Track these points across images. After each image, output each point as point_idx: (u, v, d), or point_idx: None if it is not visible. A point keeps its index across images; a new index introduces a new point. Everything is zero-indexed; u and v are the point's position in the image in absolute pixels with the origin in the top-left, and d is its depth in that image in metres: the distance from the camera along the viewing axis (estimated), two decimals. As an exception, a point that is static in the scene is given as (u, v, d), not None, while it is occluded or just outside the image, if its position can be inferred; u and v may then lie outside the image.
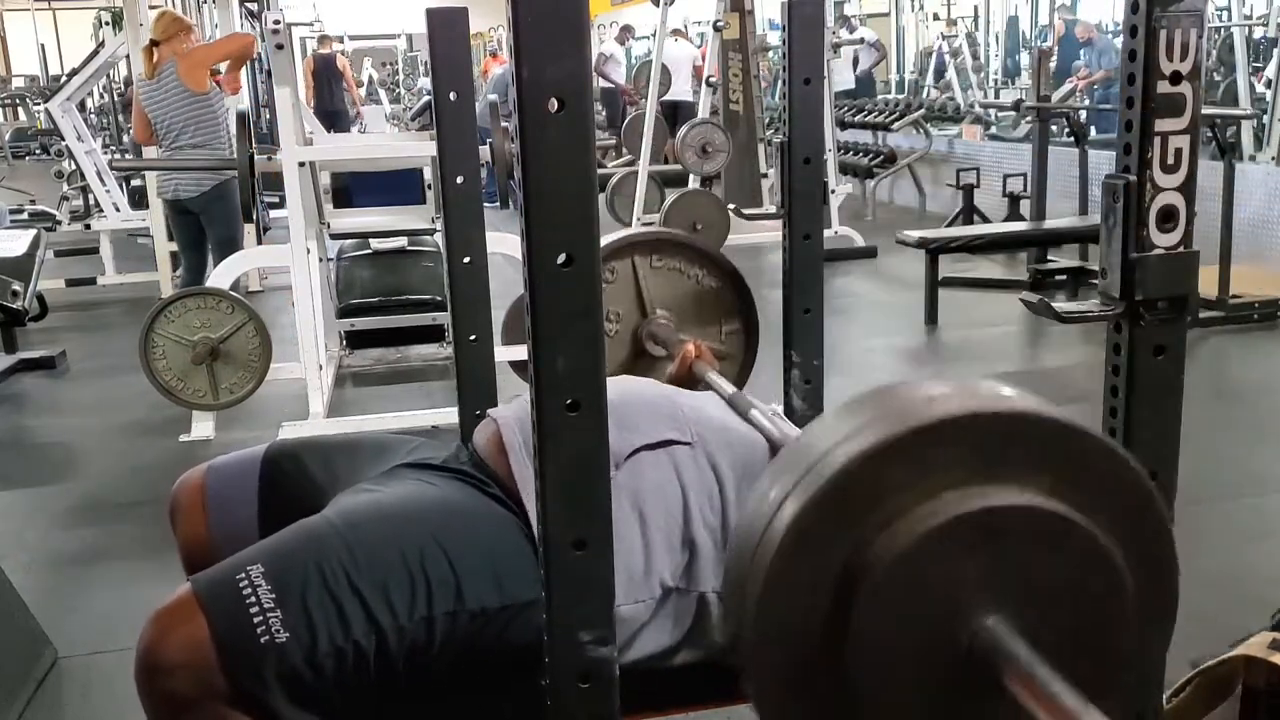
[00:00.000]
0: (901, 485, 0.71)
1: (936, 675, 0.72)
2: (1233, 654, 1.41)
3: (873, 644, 0.71)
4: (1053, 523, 0.71)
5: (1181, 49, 0.95)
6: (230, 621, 1.14)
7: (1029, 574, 0.72)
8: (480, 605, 1.21)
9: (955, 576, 0.71)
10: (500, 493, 1.32)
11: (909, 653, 0.72)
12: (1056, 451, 0.73)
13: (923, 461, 0.71)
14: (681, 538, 1.28)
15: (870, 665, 0.72)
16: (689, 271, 1.94)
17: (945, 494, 0.71)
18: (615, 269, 1.90)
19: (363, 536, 1.22)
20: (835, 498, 0.70)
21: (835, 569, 0.71)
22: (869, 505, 0.71)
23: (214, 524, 1.45)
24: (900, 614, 0.71)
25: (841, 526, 0.71)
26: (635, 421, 1.34)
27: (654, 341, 1.91)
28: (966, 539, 0.70)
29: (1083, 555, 0.72)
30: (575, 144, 0.84)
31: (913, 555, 0.70)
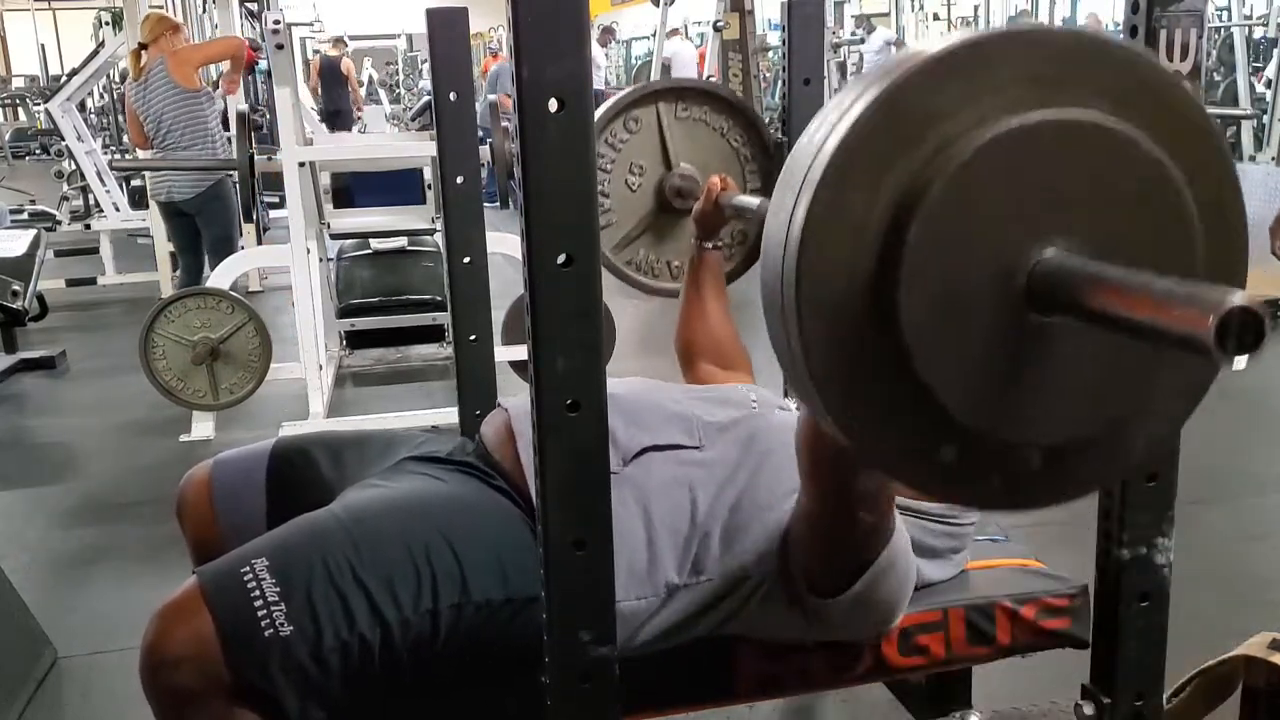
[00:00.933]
0: (958, 105, 0.66)
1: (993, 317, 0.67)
2: (1233, 654, 1.41)
3: (926, 281, 0.66)
4: (1117, 142, 0.66)
5: (1181, 49, 0.95)
6: (235, 615, 1.14)
7: (1093, 199, 0.67)
8: (485, 598, 1.21)
9: (1015, 200, 0.66)
10: (506, 486, 1.32)
11: (965, 292, 0.67)
12: (1119, 76, 0.68)
13: (979, 79, 0.66)
14: (687, 537, 1.28)
15: (923, 307, 0.66)
16: (714, 123, 1.89)
17: (1003, 116, 0.65)
18: (639, 119, 1.85)
19: (368, 530, 1.22)
20: (887, 116, 0.65)
21: (887, 197, 0.66)
22: (924, 126, 0.66)
23: (222, 518, 1.45)
24: (957, 245, 0.66)
25: (891, 151, 0.66)
26: (645, 421, 1.34)
27: (679, 196, 1.87)
28: (1025, 156, 0.65)
29: (1149, 182, 0.67)
30: (575, 144, 0.84)
31: (970, 174, 0.65)
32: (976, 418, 0.70)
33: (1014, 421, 0.71)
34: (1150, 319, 0.59)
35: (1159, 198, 0.68)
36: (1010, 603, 1.40)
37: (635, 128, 1.86)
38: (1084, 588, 1.40)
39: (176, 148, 4.74)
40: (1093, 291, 0.64)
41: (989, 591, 1.42)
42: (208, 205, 4.77)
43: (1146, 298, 0.60)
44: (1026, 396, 0.70)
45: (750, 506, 1.29)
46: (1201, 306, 0.55)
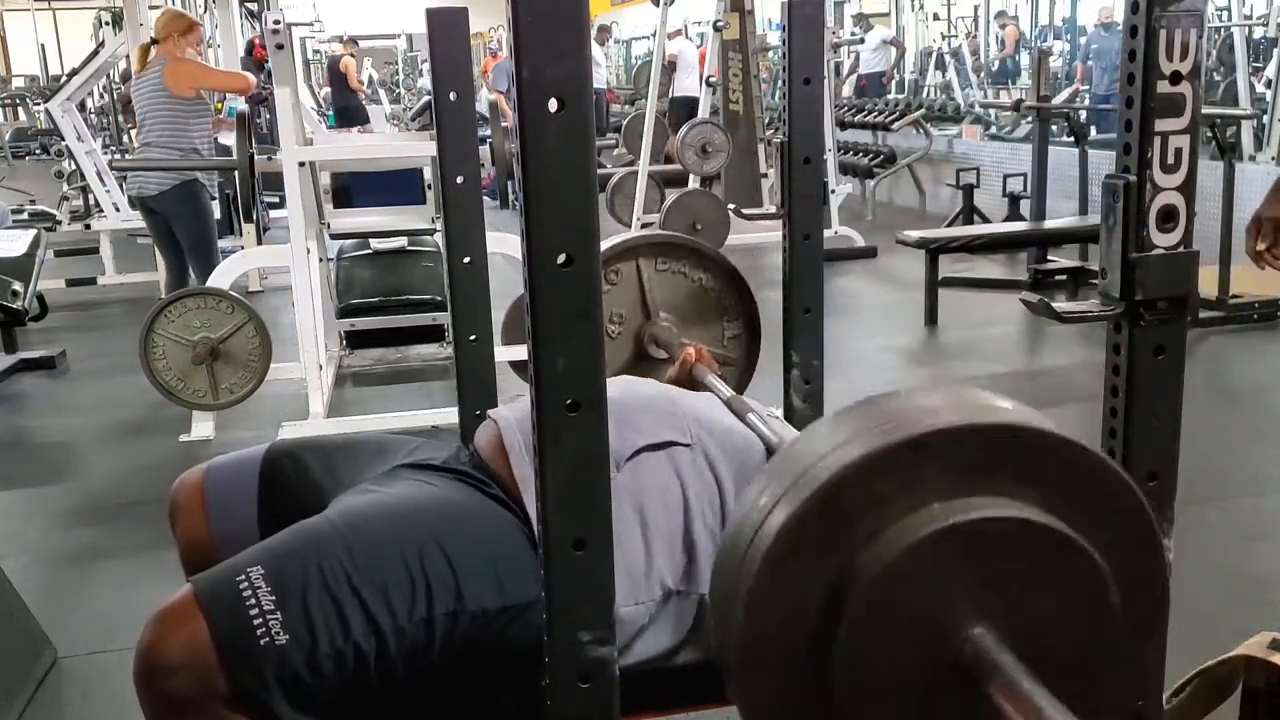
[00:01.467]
0: (891, 496, 0.71)
1: (925, 686, 0.72)
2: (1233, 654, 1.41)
3: (860, 654, 0.71)
4: (1042, 535, 0.71)
5: (1181, 49, 0.95)
6: (230, 623, 1.14)
7: (1017, 585, 0.72)
8: (480, 606, 1.21)
9: (944, 586, 0.71)
10: (501, 493, 1.32)
11: (897, 663, 0.72)
12: (1047, 465, 0.73)
13: (912, 473, 0.71)
14: (682, 540, 1.28)
15: (858, 676, 0.71)
16: (693, 275, 1.94)
17: (935, 505, 0.71)
18: (620, 271, 1.90)
19: (363, 537, 1.22)
20: (824, 507, 0.70)
21: (823, 579, 0.71)
22: (858, 515, 0.71)
23: (214, 524, 1.45)
24: (888, 624, 0.71)
25: (830, 536, 0.71)
26: (636, 422, 1.34)
27: (656, 344, 1.91)
28: (956, 549, 0.70)
29: (1072, 568, 0.72)
30: (575, 144, 0.84)
31: (901, 564, 0.70)
32: None
33: None
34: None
35: (1081, 581, 0.73)
36: (1010, 603, 1.40)
37: (616, 279, 1.91)
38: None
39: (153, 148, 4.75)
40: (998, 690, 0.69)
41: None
42: (176, 206, 4.74)
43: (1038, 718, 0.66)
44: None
45: None
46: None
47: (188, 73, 4.69)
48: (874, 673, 0.72)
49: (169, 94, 4.67)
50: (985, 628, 0.71)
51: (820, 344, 1.81)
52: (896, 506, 0.71)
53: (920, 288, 5.25)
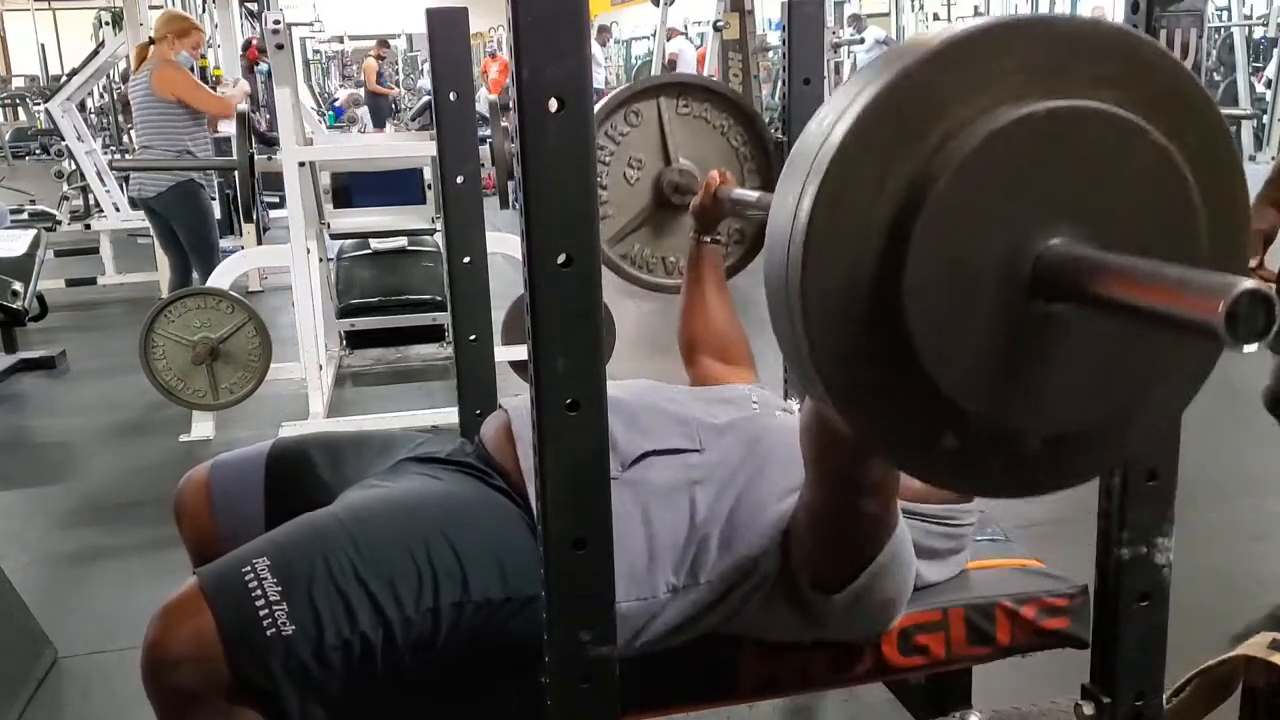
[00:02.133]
0: (962, 95, 0.66)
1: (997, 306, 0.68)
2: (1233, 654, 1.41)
3: (932, 270, 0.66)
4: (1123, 129, 0.66)
5: (1181, 49, 0.95)
6: (236, 614, 1.14)
7: (1098, 188, 0.67)
8: (486, 596, 1.21)
9: (1019, 190, 0.66)
10: (505, 485, 1.33)
11: (970, 281, 0.67)
12: (1123, 64, 0.68)
13: (983, 69, 0.66)
14: (687, 537, 1.28)
15: (929, 294, 0.67)
16: (715, 120, 1.88)
17: (1007, 106, 0.66)
18: (640, 112, 1.85)
19: (368, 530, 1.22)
20: (891, 107, 0.65)
21: (892, 187, 0.66)
22: (928, 117, 0.66)
23: (220, 520, 1.45)
24: (961, 235, 0.66)
25: (900, 138, 0.66)
26: (645, 425, 1.34)
27: (676, 191, 1.86)
28: (1030, 147, 0.65)
29: (1154, 170, 0.67)
30: (575, 144, 0.84)
31: (974, 165, 0.65)
32: (979, 405, 0.70)
33: (1015, 409, 0.71)
34: (1159, 305, 0.59)
35: (1163, 186, 0.68)
36: (1010, 602, 1.40)
37: (636, 121, 1.85)
38: (1084, 588, 1.40)
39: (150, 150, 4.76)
40: (1099, 279, 0.64)
41: (989, 591, 1.42)
42: (175, 206, 4.75)
43: (1155, 284, 0.60)
44: (1028, 385, 0.70)
45: (750, 508, 1.29)
46: (1211, 292, 0.55)
47: (172, 79, 4.67)
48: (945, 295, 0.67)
49: (156, 96, 4.68)
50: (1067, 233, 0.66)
51: (820, 344, 1.80)
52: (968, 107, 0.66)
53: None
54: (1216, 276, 0.57)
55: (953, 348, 0.68)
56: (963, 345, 0.68)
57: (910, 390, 0.69)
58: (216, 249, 4.87)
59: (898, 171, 0.67)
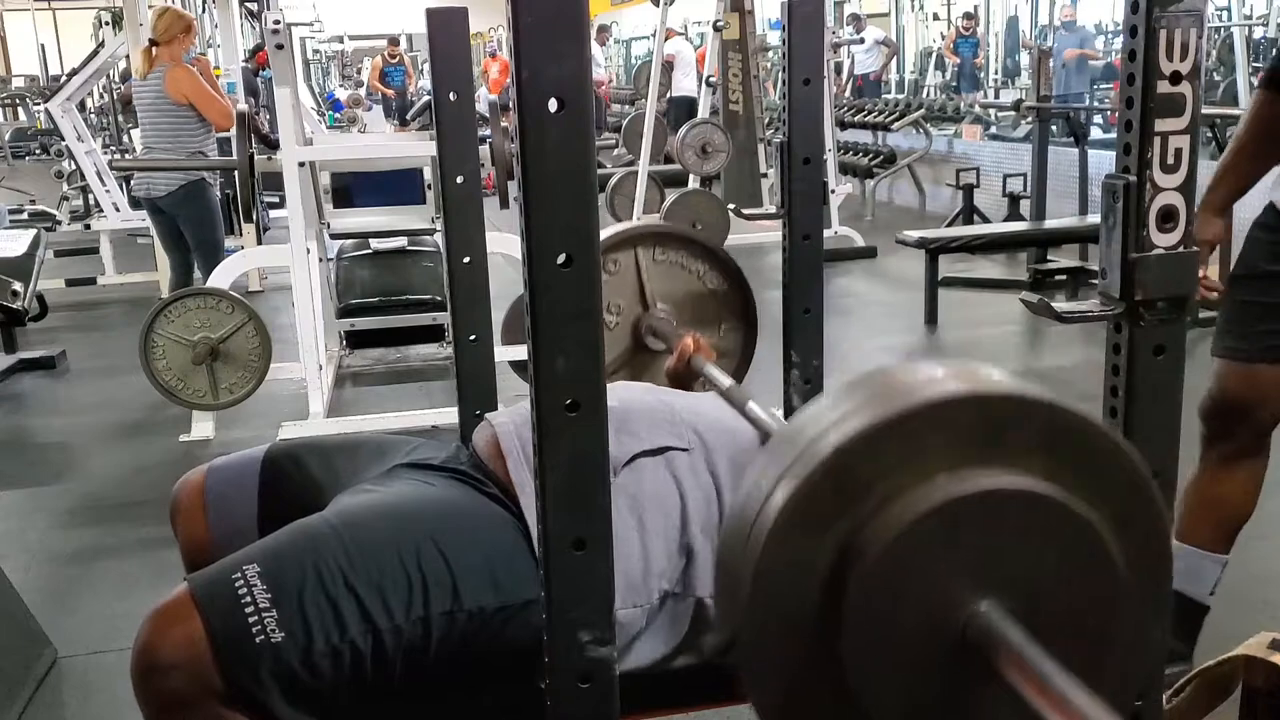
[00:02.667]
0: (895, 468, 0.70)
1: (932, 661, 0.72)
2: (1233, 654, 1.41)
3: (867, 630, 0.71)
4: (1047, 507, 0.71)
5: (1181, 49, 0.95)
6: (226, 621, 1.14)
7: (1023, 559, 0.72)
8: (477, 605, 1.21)
9: (950, 561, 0.71)
10: (498, 492, 1.32)
11: (904, 639, 0.72)
12: (1052, 436, 0.72)
13: (917, 444, 0.70)
14: (679, 543, 1.28)
15: (865, 652, 0.71)
16: (691, 267, 1.93)
17: (939, 477, 0.70)
18: (618, 260, 1.89)
19: (360, 536, 1.22)
20: (827, 481, 0.70)
21: (828, 554, 0.71)
22: (862, 488, 0.70)
23: (214, 525, 1.45)
24: (894, 599, 0.71)
25: (834, 510, 0.70)
26: (634, 427, 1.34)
27: (653, 335, 1.90)
28: (961, 523, 0.70)
29: (1077, 541, 0.72)
30: (575, 144, 0.84)
31: (906, 539, 0.69)
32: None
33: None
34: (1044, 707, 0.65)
35: (1087, 554, 0.72)
36: (1010, 603, 1.40)
37: (615, 269, 1.89)
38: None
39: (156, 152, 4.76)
40: (1007, 659, 0.69)
41: (989, 592, 1.42)
42: (185, 206, 4.76)
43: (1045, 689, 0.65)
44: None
45: None
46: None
47: (184, 78, 4.68)
48: (881, 650, 0.71)
49: (169, 99, 4.68)
50: (992, 602, 0.71)
51: (820, 344, 1.80)
52: (900, 479, 0.70)
53: (920, 288, 5.24)
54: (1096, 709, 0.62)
55: (890, 698, 0.73)
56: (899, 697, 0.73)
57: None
58: (222, 248, 4.88)
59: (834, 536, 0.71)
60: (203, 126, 4.77)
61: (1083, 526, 0.72)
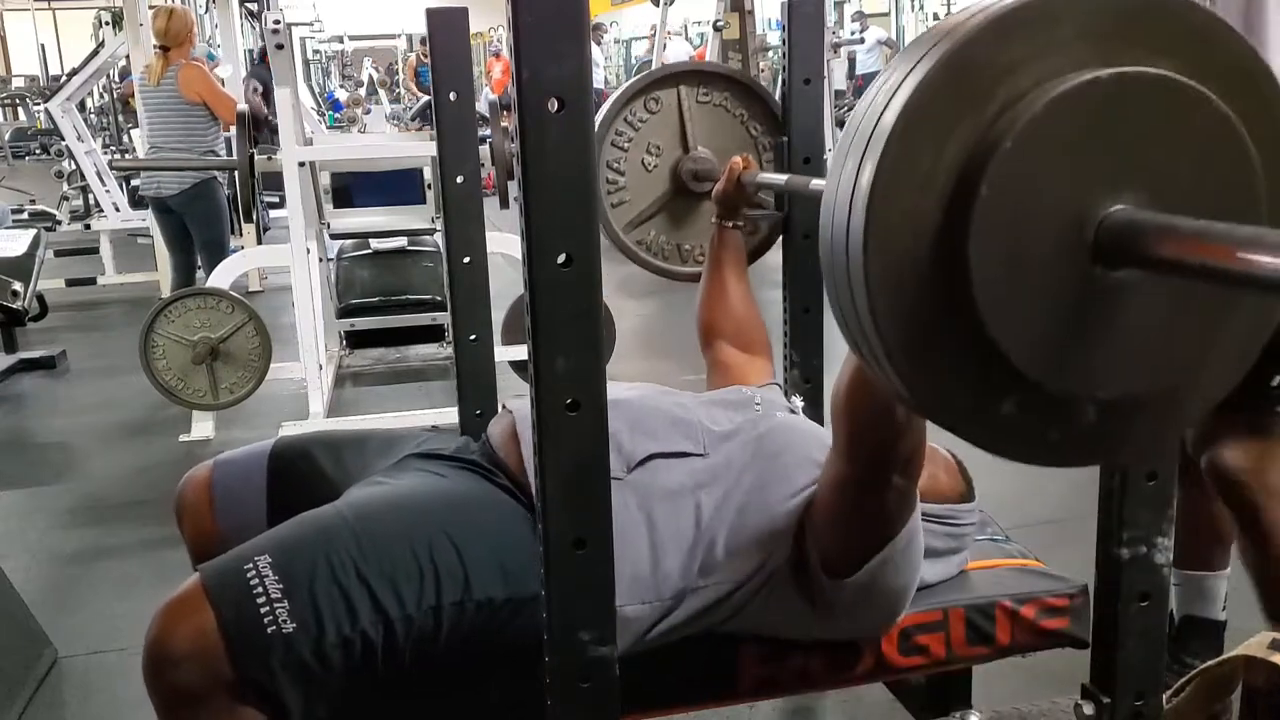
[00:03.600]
0: (1023, 62, 0.66)
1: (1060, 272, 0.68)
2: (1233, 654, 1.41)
3: (995, 235, 0.66)
4: (1184, 95, 0.67)
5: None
6: (237, 611, 1.14)
7: (1159, 154, 0.68)
8: (487, 595, 1.21)
9: (1081, 156, 0.66)
10: (509, 483, 1.32)
11: (1033, 248, 0.67)
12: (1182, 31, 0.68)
13: (1043, 36, 0.66)
14: (693, 541, 1.28)
15: (992, 260, 0.67)
16: (735, 110, 1.88)
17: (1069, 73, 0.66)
18: (660, 99, 1.85)
19: (371, 527, 1.22)
20: (952, 74, 0.66)
21: (954, 154, 0.67)
22: (990, 83, 0.66)
23: (221, 519, 1.45)
24: (1025, 202, 0.66)
25: (962, 107, 0.66)
26: (650, 427, 1.34)
27: (695, 178, 1.86)
28: (1095, 110, 0.66)
29: (1215, 137, 0.68)
30: (575, 144, 0.84)
31: (1037, 131, 0.65)
32: (1040, 371, 0.70)
33: (1076, 375, 0.71)
34: (1230, 265, 0.59)
35: (1224, 153, 0.68)
36: (1010, 603, 1.40)
37: (655, 108, 1.85)
38: (1084, 588, 1.40)
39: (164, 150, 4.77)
40: (1166, 242, 0.64)
41: (989, 591, 1.42)
42: (193, 205, 4.78)
43: (1226, 244, 0.60)
44: (1089, 351, 0.70)
45: (757, 510, 1.29)
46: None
47: (196, 77, 4.70)
48: (1009, 259, 0.67)
49: (183, 99, 4.71)
50: (1128, 204, 0.67)
51: (820, 344, 1.81)
52: (1030, 74, 0.66)
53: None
54: None
55: (1016, 314, 0.68)
56: (1026, 312, 0.68)
57: (971, 356, 0.70)
58: (228, 247, 4.90)
59: (958, 139, 0.67)
60: (214, 125, 4.80)
61: (1221, 121, 0.67)
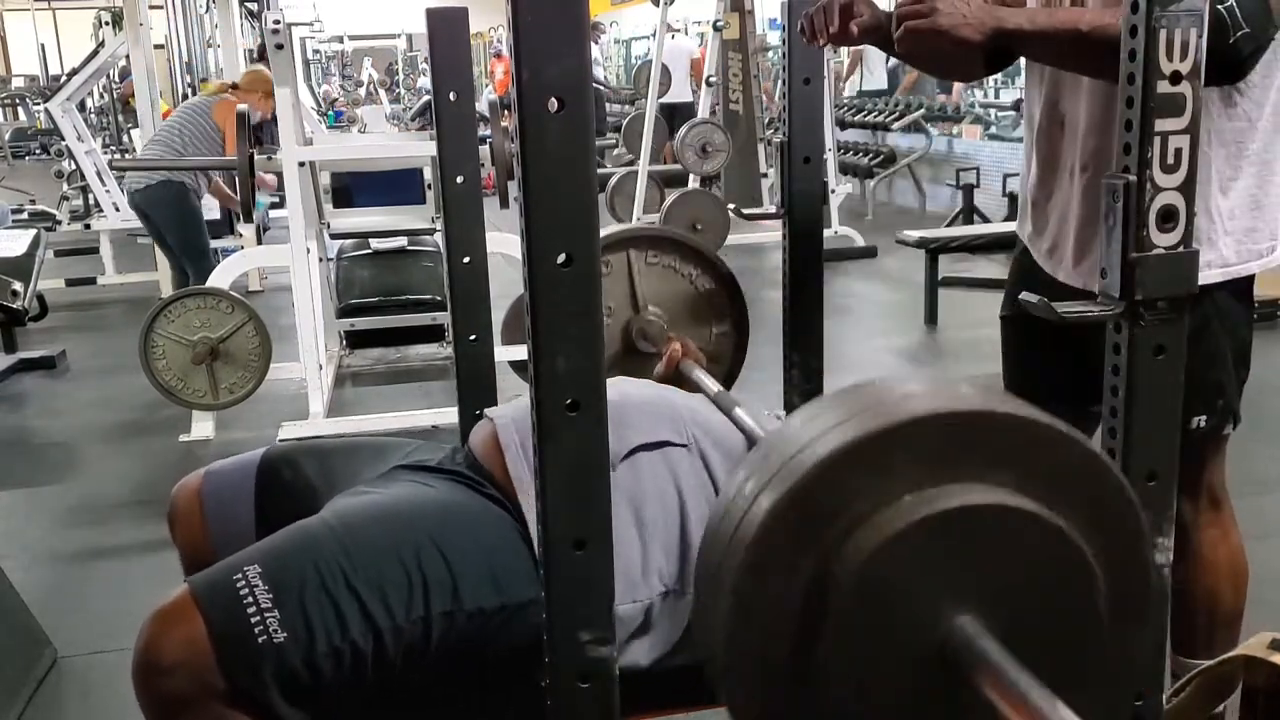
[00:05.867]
0: (863, 491, 0.70)
1: (911, 679, 0.72)
2: (1233, 654, 1.41)
3: (845, 651, 0.71)
4: (1017, 518, 0.70)
5: (1181, 49, 0.95)
6: (228, 621, 1.14)
7: (999, 573, 0.71)
8: (477, 605, 1.21)
9: (924, 578, 0.71)
10: (496, 493, 1.32)
11: (882, 659, 0.72)
12: (1019, 447, 0.72)
13: (884, 465, 0.70)
14: (678, 540, 1.28)
15: (844, 672, 0.71)
16: (683, 270, 1.93)
17: (907, 497, 0.70)
18: (610, 262, 1.89)
19: (360, 537, 1.22)
20: (797, 509, 0.70)
21: (804, 578, 0.71)
22: (832, 513, 0.70)
23: (212, 528, 1.46)
24: (871, 620, 0.71)
25: (806, 536, 0.70)
26: (633, 421, 1.34)
27: (644, 338, 1.90)
28: (932, 540, 0.70)
29: (1051, 550, 0.71)
30: (575, 144, 0.84)
31: (876, 562, 0.69)
32: None
33: None
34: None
35: (1061, 563, 0.72)
36: (1010, 603, 1.40)
37: (606, 270, 1.89)
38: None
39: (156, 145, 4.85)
40: (984, 679, 0.68)
41: (989, 592, 1.42)
42: (156, 209, 4.84)
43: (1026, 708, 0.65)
44: None
45: None
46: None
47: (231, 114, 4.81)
48: (860, 668, 0.71)
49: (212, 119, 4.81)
50: (969, 617, 0.71)
51: (820, 344, 1.80)
52: (868, 501, 0.70)
53: (920, 288, 5.24)
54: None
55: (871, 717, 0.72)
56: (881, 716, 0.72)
57: None
58: (207, 252, 4.94)
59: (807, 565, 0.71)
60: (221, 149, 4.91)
61: (1054, 534, 0.71)
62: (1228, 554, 1.76)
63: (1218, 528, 1.75)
